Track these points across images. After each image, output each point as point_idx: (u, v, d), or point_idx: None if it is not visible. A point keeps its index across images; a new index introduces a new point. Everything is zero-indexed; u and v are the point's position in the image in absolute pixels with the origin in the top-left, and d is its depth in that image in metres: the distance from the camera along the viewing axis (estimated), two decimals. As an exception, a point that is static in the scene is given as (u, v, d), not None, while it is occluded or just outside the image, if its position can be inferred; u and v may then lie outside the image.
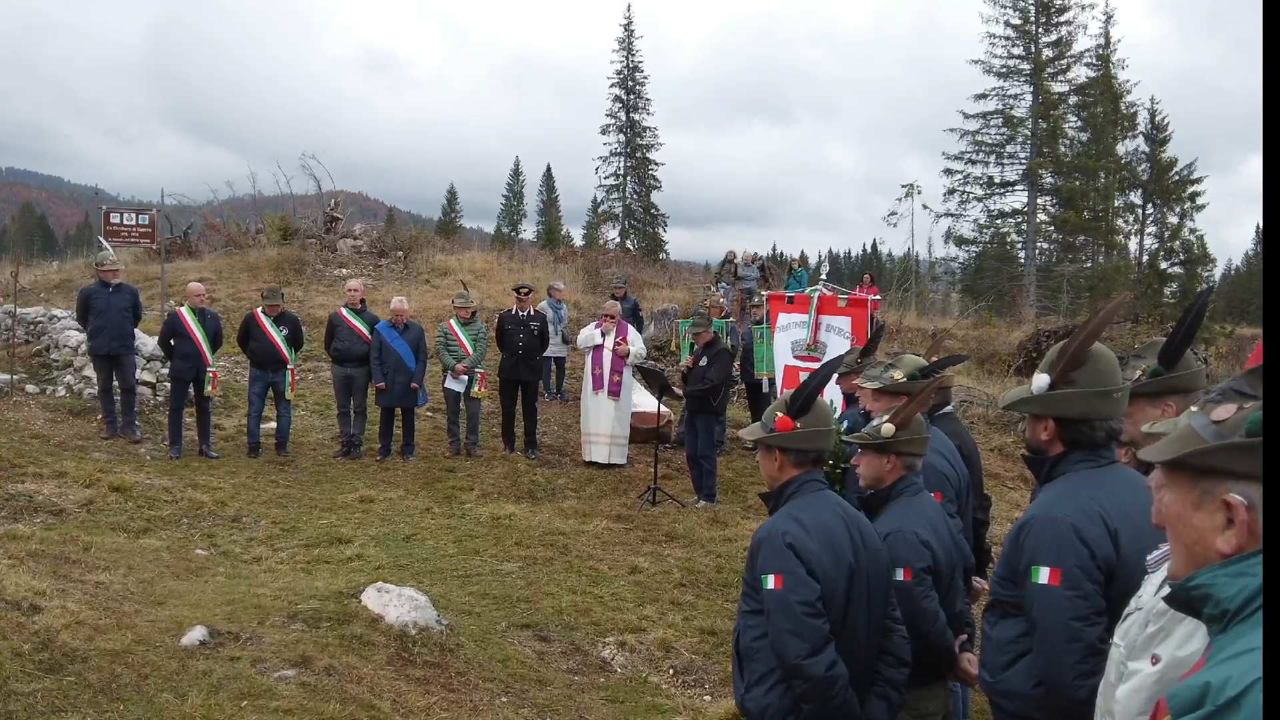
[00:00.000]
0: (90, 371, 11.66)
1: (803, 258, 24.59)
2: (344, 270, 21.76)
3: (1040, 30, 36.46)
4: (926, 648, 3.40)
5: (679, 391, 10.24)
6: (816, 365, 7.63)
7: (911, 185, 34.85)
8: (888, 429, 3.59)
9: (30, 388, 11.62)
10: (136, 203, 16.07)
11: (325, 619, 5.42)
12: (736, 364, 11.78)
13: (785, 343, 7.87)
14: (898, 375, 4.41)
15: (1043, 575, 2.74)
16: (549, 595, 7.05)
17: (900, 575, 3.40)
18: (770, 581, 2.98)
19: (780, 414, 3.19)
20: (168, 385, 11.27)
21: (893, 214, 35.68)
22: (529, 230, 66.71)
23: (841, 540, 3.08)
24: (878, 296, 9.58)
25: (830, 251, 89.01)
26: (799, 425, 3.16)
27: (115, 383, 10.47)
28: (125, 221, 13.57)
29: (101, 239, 13.40)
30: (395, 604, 5.76)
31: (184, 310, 10.42)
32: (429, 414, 12.45)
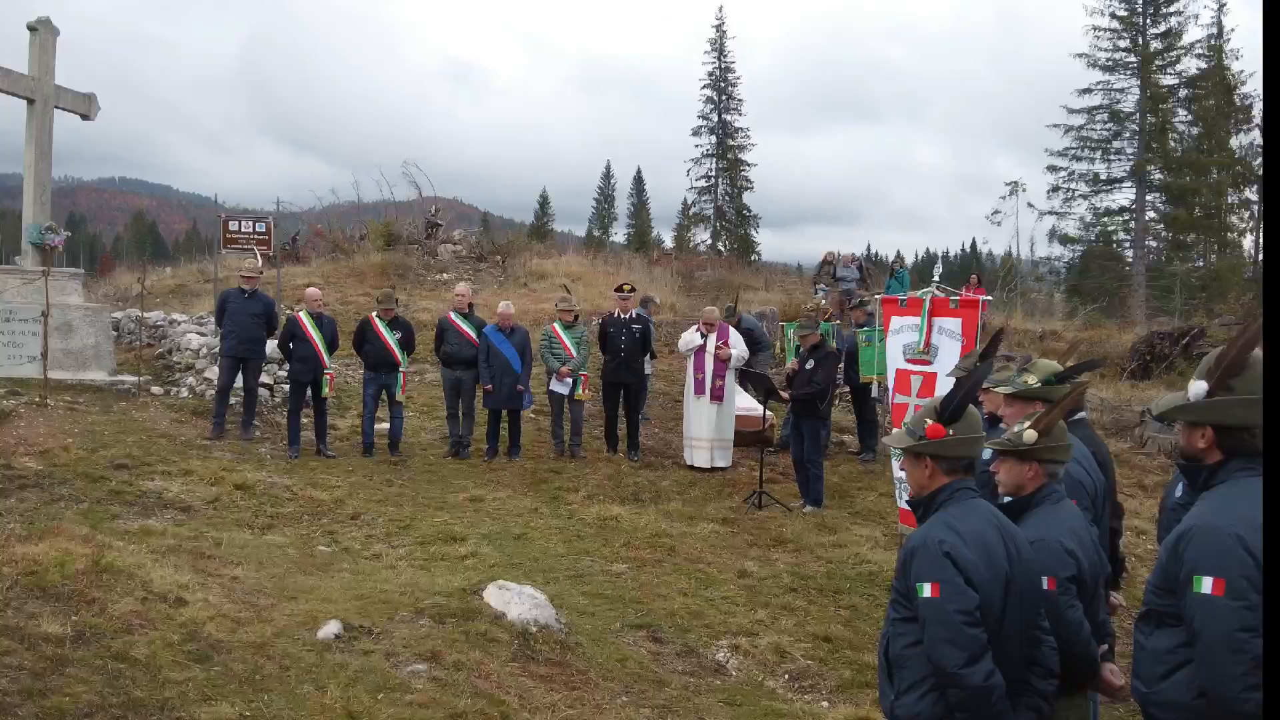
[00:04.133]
0: (210, 373, 12.15)
1: (899, 258, 24.21)
2: (445, 275, 22.23)
3: (1148, 22, 35.20)
4: (1070, 658, 3.33)
5: (784, 395, 10.18)
6: (928, 368, 7.53)
7: (1015, 183, 34.01)
8: (1030, 435, 3.52)
9: (155, 389, 12.15)
10: (242, 209, 16.74)
11: (450, 615, 5.56)
12: (840, 367, 11.66)
13: (897, 346, 7.76)
14: (1032, 380, 4.33)
15: (1205, 585, 2.66)
16: (660, 597, 7.10)
17: (1044, 584, 3.33)
18: (926, 590, 2.96)
19: (930, 421, 3.16)
20: (285, 387, 11.68)
21: (996, 213, 34.89)
22: (619, 233, 67.16)
23: (996, 549, 3.05)
24: (989, 297, 9.35)
25: (929, 252, 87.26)
26: (951, 432, 3.13)
27: (237, 384, 10.87)
28: (243, 229, 14.11)
29: (255, 249, 13.93)
30: (516, 602, 5.87)
31: (302, 314, 10.79)
32: (532, 416, 12.63)
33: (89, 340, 12.40)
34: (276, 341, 11.21)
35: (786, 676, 6.12)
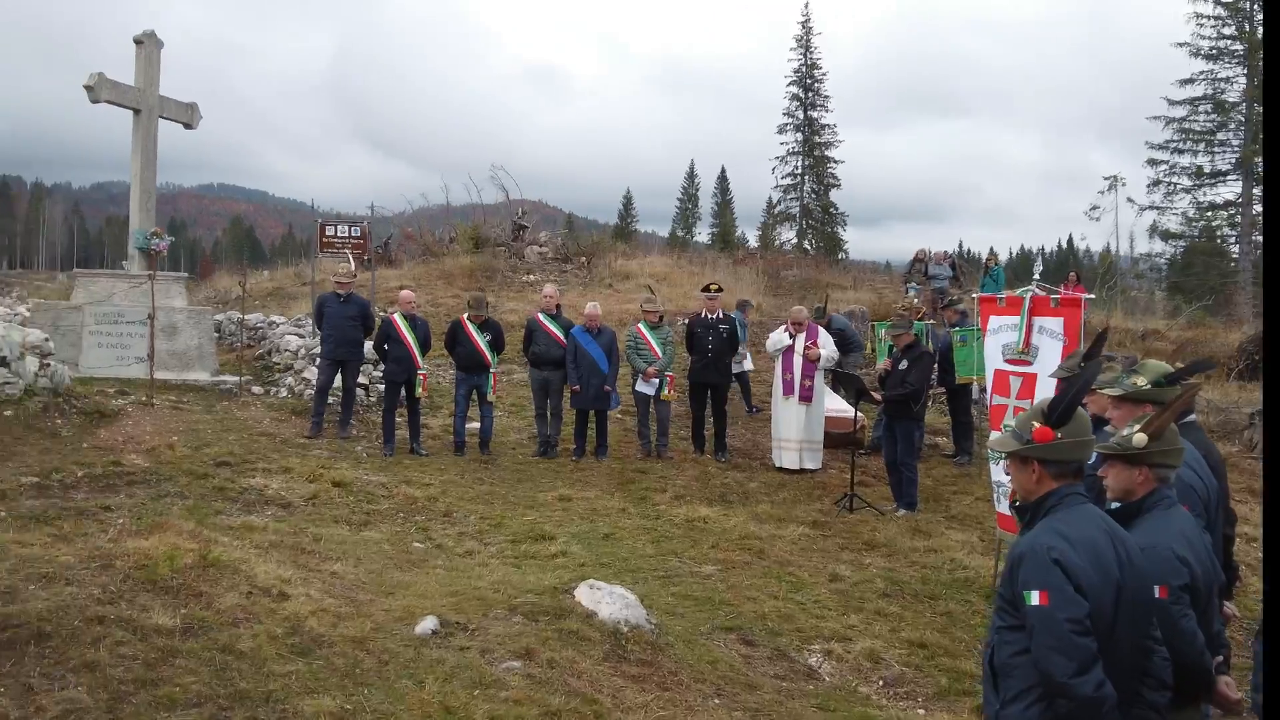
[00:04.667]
0: (308, 374, 12.48)
1: (993, 255, 23.59)
2: (531, 276, 22.47)
3: (1255, 8, 33.68)
4: (1184, 669, 3.19)
5: (876, 396, 10.00)
6: (1028, 369, 7.29)
7: (1114, 178, 32.84)
8: (1140, 439, 3.38)
9: (255, 389, 12.53)
10: (335, 214, 17.13)
11: (542, 613, 5.58)
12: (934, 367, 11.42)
13: (996, 346, 7.53)
14: (1141, 381, 4.16)
15: None
16: (750, 600, 7.03)
17: (1156, 593, 3.19)
18: (1034, 597, 2.87)
19: (1038, 424, 3.06)
20: (380, 387, 11.93)
21: (1094, 208, 33.71)
22: (703, 233, 67.05)
23: (1107, 556, 2.94)
24: (1091, 296, 9.04)
25: (1022, 249, 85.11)
26: (1059, 435, 3.03)
27: (335, 384, 11.14)
28: (339, 233, 14.47)
29: (349, 253, 14.28)
30: (607, 601, 5.86)
31: (396, 316, 11.01)
32: (618, 416, 12.66)
33: (192, 341, 12.86)
34: (373, 343, 11.46)
35: (881, 683, 6.00)
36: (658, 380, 11.17)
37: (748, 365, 13.93)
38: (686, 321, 12.77)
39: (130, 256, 13.50)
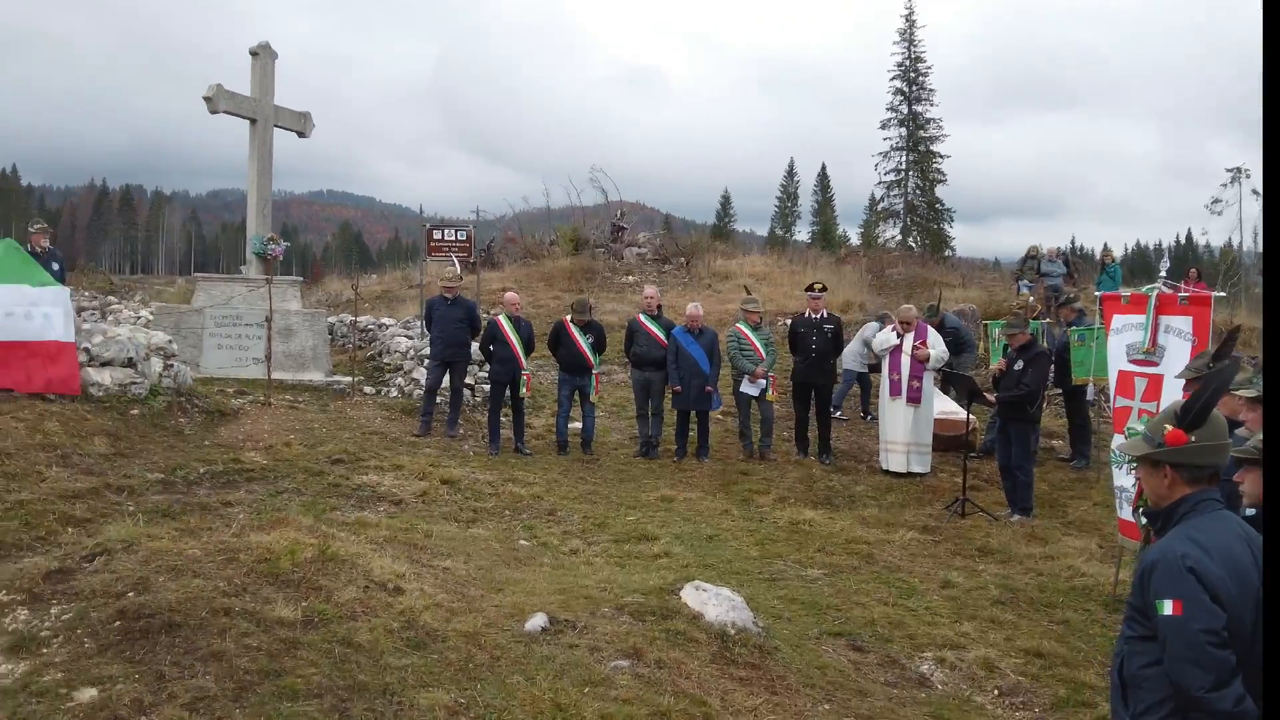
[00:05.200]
0: (417, 374, 12.75)
1: (1107, 251, 22.69)
2: (630, 277, 22.57)
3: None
4: None
5: (990, 398, 9.70)
6: (1154, 370, 6.97)
7: (1238, 169, 31.25)
8: None
9: (367, 389, 12.87)
10: (439, 218, 17.46)
11: (649, 613, 5.56)
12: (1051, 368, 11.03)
13: (1119, 345, 7.21)
14: None
15: None
16: (859, 605, 6.90)
17: None
18: (1167, 607, 2.73)
19: (1170, 426, 2.90)
20: (485, 387, 12.12)
21: (1216, 201, 32.13)
22: (803, 231, 66.40)
23: (1246, 564, 2.78)
24: (1222, 294, 8.59)
25: (1138, 244, 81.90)
26: (1193, 439, 2.87)
27: (443, 384, 11.37)
28: (445, 237, 14.77)
29: (454, 257, 14.59)
30: (714, 603, 5.81)
31: (501, 318, 11.17)
32: (719, 417, 12.59)
33: (307, 343, 13.28)
34: (479, 344, 11.66)
35: (996, 692, 5.81)
36: (764, 381, 11.06)
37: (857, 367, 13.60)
38: (789, 322, 12.62)
39: (248, 261, 14.02)
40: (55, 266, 11.76)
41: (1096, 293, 13.96)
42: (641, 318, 11.43)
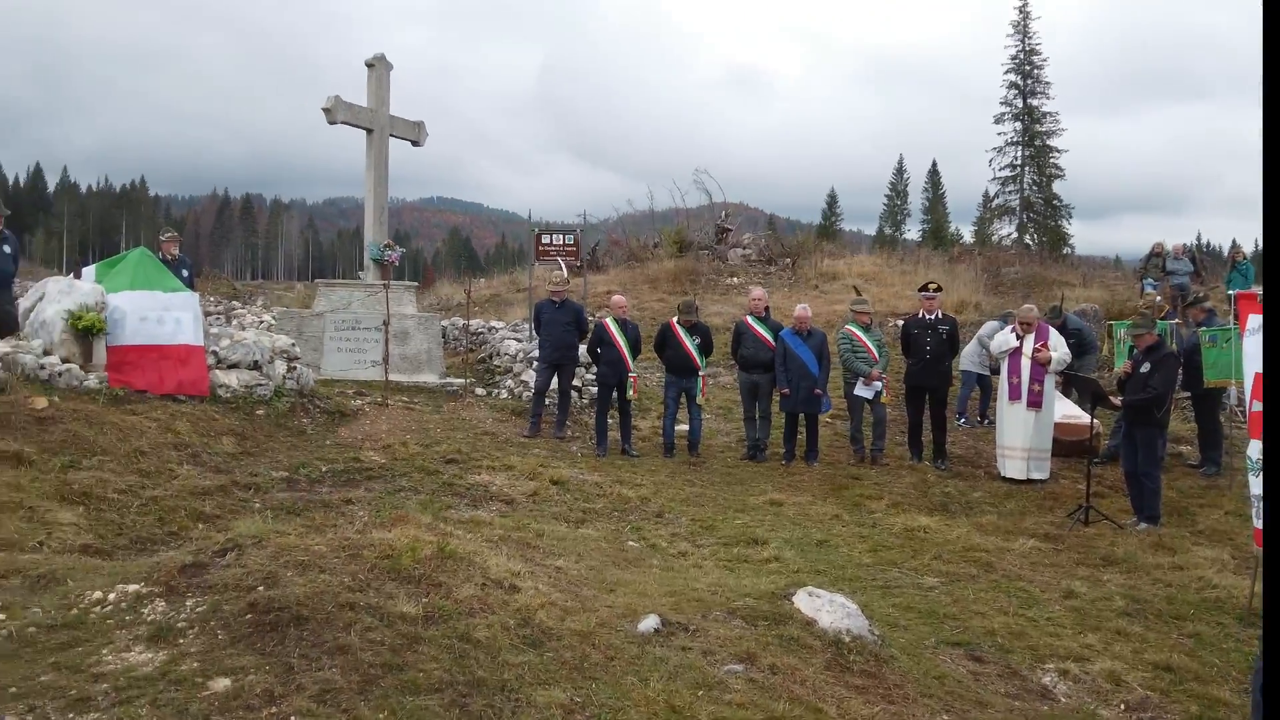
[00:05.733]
0: (527, 376, 12.94)
1: (1236, 248, 21.56)
2: (735, 279, 22.47)
3: None
4: None
5: (1115, 401, 9.30)
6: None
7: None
8: None
9: (479, 390, 13.12)
10: (544, 223, 17.71)
11: (761, 618, 5.51)
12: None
13: (1256, 347, 6.83)
14: None
15: None
16: (977, 614, 6.70)
17: None
18: None
19: None
20: (593, 389, 12.22)
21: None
22: (913, 230, 65.09)
23: None
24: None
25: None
26: None
27: (551, 386, 11.52)
28: (554, 241, 14.97)
29: (561, 261, 14.81)
30: (827, 609, 5.72)
31: (608, 320, 11.25)
32: (828, 420, 12.41)
33: (422, 346, 13.61)
34: (586, 346, 11.76)
35: (1123, 707, 5.57)
36: (879, 383, 10.86)
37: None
38: (900, 323, 12.37)
39: (365, 267, 14.46)
40: (185, 273, 12.34)
41: (1228, 291, 13.28)
42: (748, 319, 11.35)
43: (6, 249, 10.26)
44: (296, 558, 4.91)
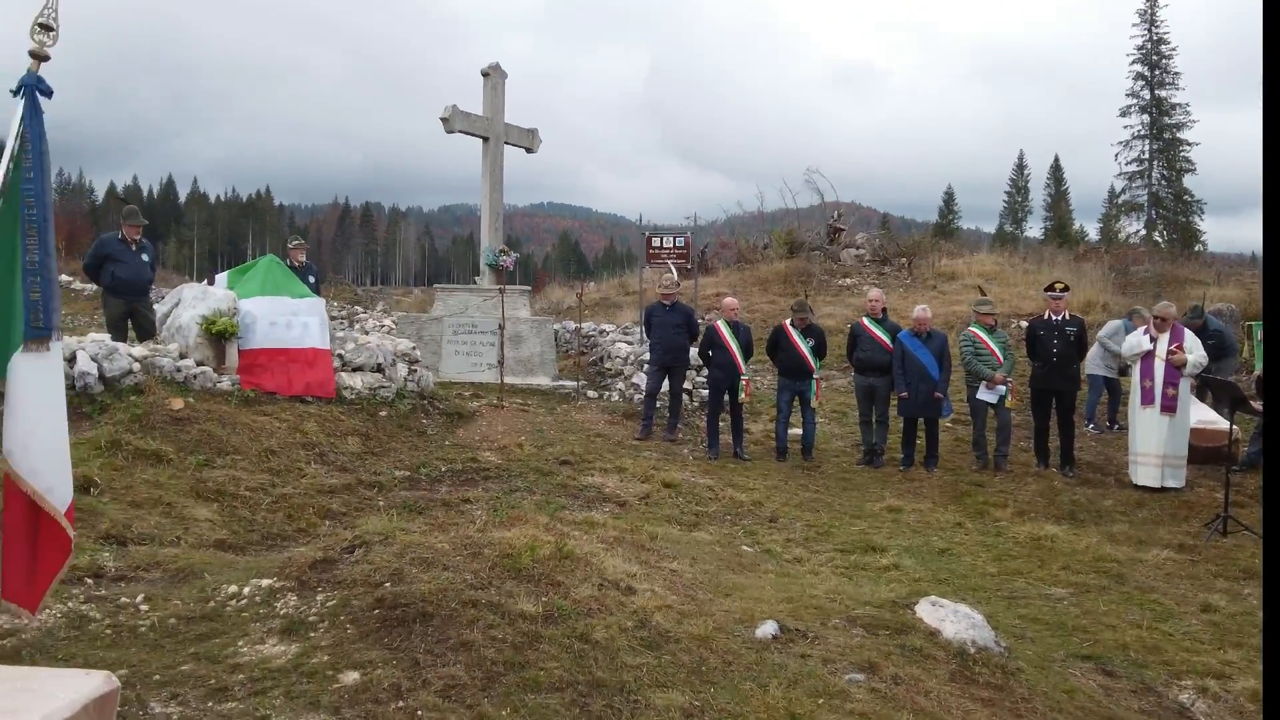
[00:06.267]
0: (638, 379, 13.01)
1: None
2: (848, 280, 22.12)
3: None
4: None
5: (1256, 406, 8.79)
6: None
7: None
8: None
9: (590, 393, 13.24)
10: (653, 226, 17.74)
11: (882, 627, 5.39)
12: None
13: None
14: None
15: None
16: (1108, 627, 6.42)
17: None
18: None
19: None
20: (704, 392, 12.20)
21: None
22: (1034, 228, 63.04)
23: None
24: None
25: None
26: None
27: (662, 389, 11.54)
28: (664, 244, 15.01)
29: (671, 263, 14.88)
30: (951, 620, 5.56)
31: (720, 323, 11.20)
32: (948, 425, 12.08)
33: (535, 349, 13.82)
34: (697, 349, 11.75)
35: (1272, 731, 5.23)
36: (1004, 387, 10.52)
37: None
38: (1024, 324, 11.96)
39: (481, 272, 14.76)
40: (311, 279, 12.81)
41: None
42: (865, 321, 11.15)
43: (145, 257, 10.83)
44: (421, 555, 5.04)
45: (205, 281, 11.22)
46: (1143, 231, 44.31)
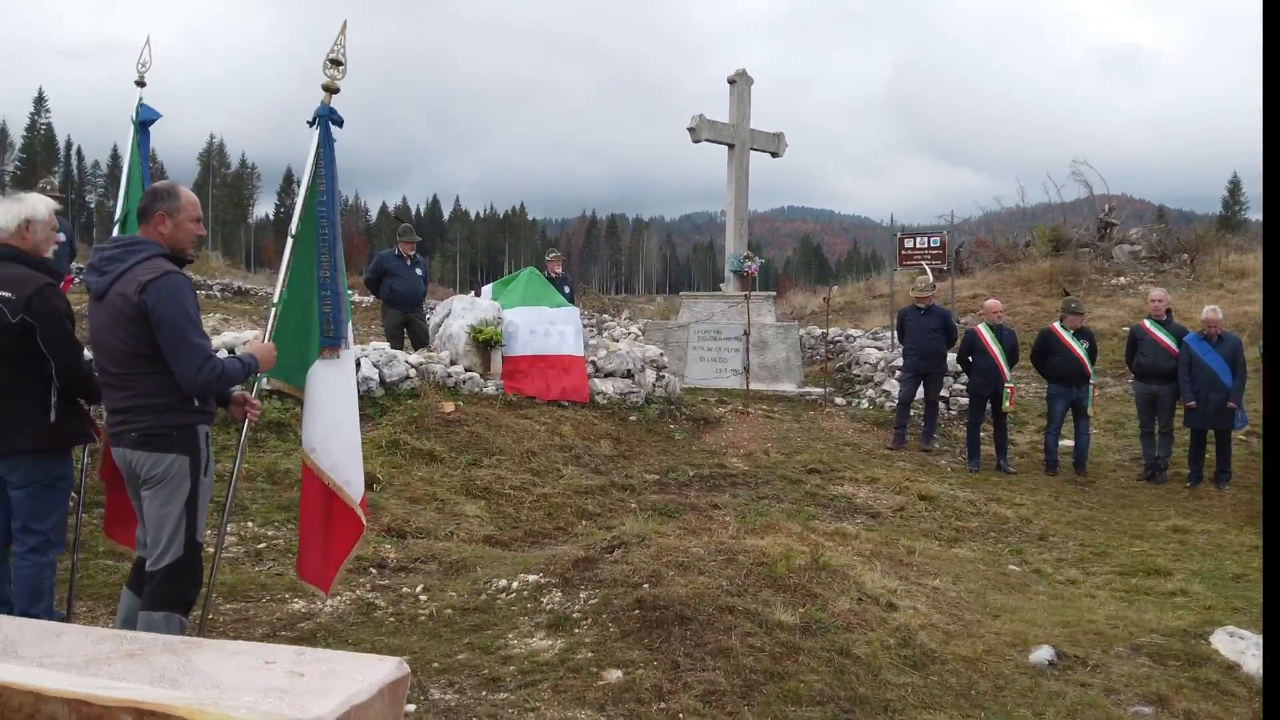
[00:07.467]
0: (889, 386, 12.60)
1: None
2: (1121, 279, 20.47)
3: None
4: None
5: None
6: None
7: None
8: None
9: (838, 400, 12.96)
10: (899, 226, 17.09)
11: (1171, 657, 4.91)
12: None
13: None
14: None
15: None
16: None
17: None
18: None
19: None
20: (962, 400, 11.64)
21: None
22: (1339, 220, 55.93)
23: None
24: None
25: None
26: None
27: (916, 397, 11.10)
28: (918, 245, 14.48)
29: (925, 265, 14.41)
30: (1253, 653, 4.99)
31: (981, 327, 10.64)
32: (1242, 438, 10.87)
33: (780, 355, 13.71)
34: (956, 355, 11.23)
35: None
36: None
37: None
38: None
39: (725, 278, 14.84)
40: (566, 289, 13.34)
41: None
42: (1146, 324, 10.25)
43: (419, 271, 11.65)
44: (677, 558, 5.08)
45: (472, 293, 11.93)
46: None
